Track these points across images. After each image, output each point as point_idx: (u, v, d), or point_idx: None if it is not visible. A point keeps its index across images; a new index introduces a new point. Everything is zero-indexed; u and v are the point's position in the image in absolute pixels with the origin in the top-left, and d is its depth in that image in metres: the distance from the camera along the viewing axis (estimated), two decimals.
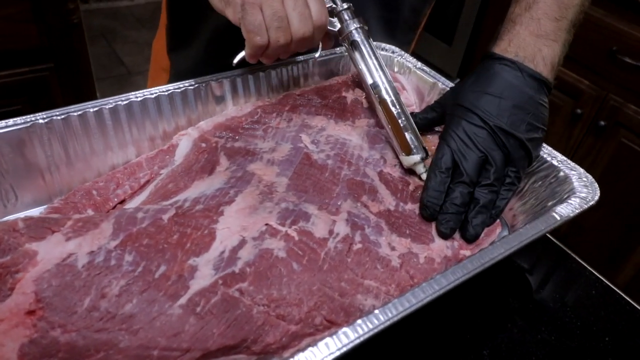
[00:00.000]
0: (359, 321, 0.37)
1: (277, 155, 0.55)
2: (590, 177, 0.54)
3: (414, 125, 0.57)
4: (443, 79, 0.67)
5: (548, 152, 0.58)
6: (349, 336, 0.36)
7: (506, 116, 0.52)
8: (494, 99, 0.52)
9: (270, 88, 0.65)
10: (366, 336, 0.36)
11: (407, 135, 0.56)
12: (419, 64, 0.70)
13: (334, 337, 0.35)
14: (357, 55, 0.58)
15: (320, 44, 0.57)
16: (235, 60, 0.55)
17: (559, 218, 0.49)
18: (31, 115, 0.50)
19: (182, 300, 0.36)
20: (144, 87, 0.95)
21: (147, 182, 0.53)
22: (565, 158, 0.57)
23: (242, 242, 0.43)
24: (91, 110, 0.52)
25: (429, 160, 0.56)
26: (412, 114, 0.60)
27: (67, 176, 0.53)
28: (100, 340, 0.33)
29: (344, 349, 0.35)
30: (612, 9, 1.44)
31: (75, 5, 1.29)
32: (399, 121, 0.56)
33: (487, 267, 0.43)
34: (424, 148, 0.56)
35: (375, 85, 0.58)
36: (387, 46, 0.73)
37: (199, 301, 0.37)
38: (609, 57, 1.47)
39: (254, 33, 0.49)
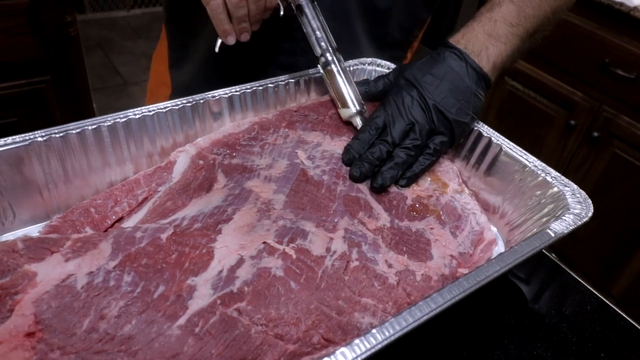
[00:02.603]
0: (357, 340, 0.37)
1: (274, 172, 0.56)
2: (583, 193, 0.55)
3: (353, 82, 0.63)
4: None
5: (542, 168, 0.58)
6: (346, 356, 0.36)
7: (441, 96, 0.58)
8: (435, 79, 0.58)
9: (266, 104, 0.65)
10: (364, 356, 0.36)
11: (345, 90, 0.62)
12: None
13: (332, 357, 0.36)
14: (303, 18, 0.62)
15: (280, 5, 0.61)
16: (217, 47, 0.60)
17: (553, 235, 0.49)
18: (30, 133, 0.50)
19: (181, 320, 0.36)
20: (140, 97, 0.96)
21: (145, 199, 0.53)
22: (559, 174, 0.57)
23: (240, 261, 0.43)
24: (90, 127, 0.53)
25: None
26: (365, 80, 0.67)
27: (65, 193, 0.54)
28: None
29: None
30: (603, 22, 1.46)
31: (73, 18, 1.29)
32: (338, 77, 0.62)
33: (483, 284, 0.43)
34: (361, 103, 0.62)
35: (317, 45, 0.62)
36: (382, 62, 0.73)
37: (198, 321, 0.37)
38: (602, 69, 1.49)
39: None
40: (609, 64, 1.47)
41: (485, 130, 0.63)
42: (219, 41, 0.59)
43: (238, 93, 0.62)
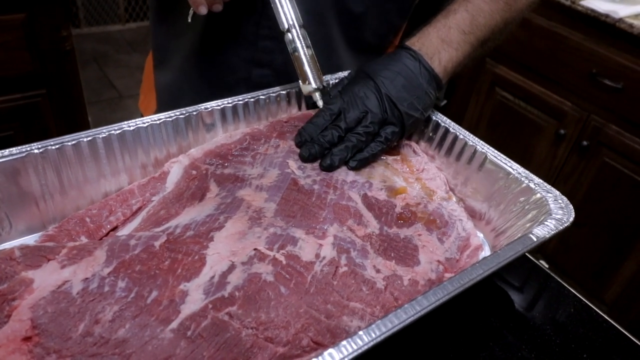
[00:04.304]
0: (344, 342, 0.38)
1: (265, 181, 0.57)
2: (565, 199, 0.57)
3: (315, 60, 0.65)
4: None
5: (525, 175, 0.60)
6: (334, 357, 0.37)
7: (395, 90, 0.61)
8: (391, 74, 0.62)
9: (258, 116, 0.67)
10: (351, 356, 0.38)
11: (306, 67, 0.64)
12: None
13: (320, 357, 0.37)
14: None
15: None
16: (189, 17, 0.63)
17: (535, 239, 0.51)
18: (26, 146, 0.51)
19: (174, 324, 0.38)
20: (136, 110, 0.98)
21: (139, 208, 0.54)
22: (541, 181, 0.59)
23: (232, 267, 0.45)
24: (85, 139, 0.54)
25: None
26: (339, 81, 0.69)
27: (60, 204, 0.55)
28: None
29: None
30: (590, 33, 1.49)
31: (68, 32, 1.31)
32: (300, 54, 0.64)
33: (467, 287, 0.45)
34: (322, 80, 0.64)
35: (284, 20, 0.64)
36: None
37: (190, 325, 0.38)
38: (590, 79, 1.52)
39: None
40: (596, 74, 1.50)
41: (471, 139, 0.65)
42: (192, 11, 0.61)
43: (230, 105, 0.64)
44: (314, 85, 0.64)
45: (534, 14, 1.62)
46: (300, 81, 0.65)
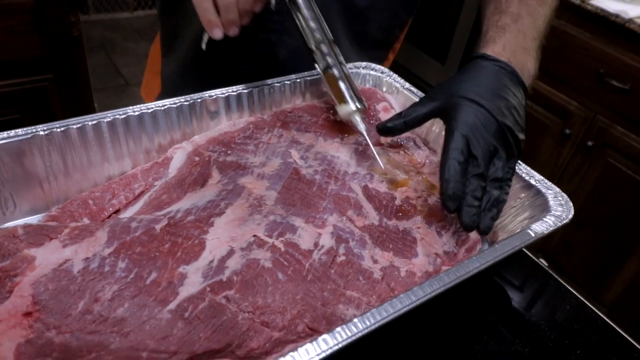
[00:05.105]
0: (338, 329, 0.39)
1: (267, 170, 0.58)
2: (565, 196, 0.57)
3: (350, 76, 0.58)
4: None
5: (527, 172, 0.60)
6: (328, 343, 0.38)
7: (509, 115, 0.53)
8: (498, 96, 0.53)
9: (262, 105, 0.67)
10: (345, 343, 0.38)
11: (342, 85, 0.57)
12: (407, 85, 0.73)
13: (314, 343, 0.37)
14: (296, 10, 0.60)
15: None
16: (203, 43, 0.58)
17: (533, 235, 0.51)
18: (32, 127, 0.52)
19: (172, 305, 0.38)
20: (142, 98, 0.98)
21: (142, 192, 0.55)
22: (542, 178, 0.59)
23: (231, 252, 0.45)
24: (90, 123, 0.55)
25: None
26: (400, 114, 0.58)
27: (64, 186, 0.55)
28: (93, 342, 0.35)
29: (323, 355, 0.37)
30: (599, 33, 1.48)
31: (76, 18, 1.32)
32: (334, 71, 0.58)
33: (464, 279, 0.45)
34: (360, 99, 0.56)
35: (311, 36, 0.59)
36: (377, 66, 0.76)
37: (187, 307, 0.39)
38: (597, 79, 1.51)
39: None
40: (604, 75, 1.49)
41: None
42: (206, 36, 0.57)
43: (235, 93, 0.64)
44: (352, 107, 0.56)
45: None
46: (336, 103, 0.58)
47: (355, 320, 0.40)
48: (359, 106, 0.56)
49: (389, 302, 0.42)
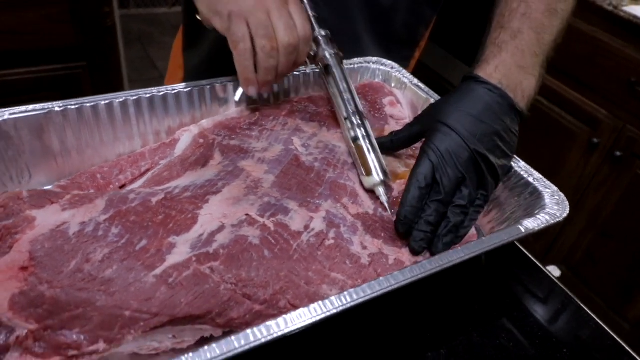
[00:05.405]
0: (315, 305, 0.40)
1: (268, 155, 0.60)
2: (562, 195, 0.57)
3: (377, 148, 0.59)
4: (436, 95, 0.71)
5: (526, 170, 0.60)
6: (303, 316, 0.39)
7: (485, 141, 0.53)
8: (477, 122, 0.54)
9: (272, 94, 0.70)
10: (320, 317, 0.40)
11: (369, 157, 0.58)
12: (415, 81, 0.74)
13: (290, 314, 0.39)
14: (329, 78, 0.63)
15: (307, 61, 0.62)
16: (236, 97, 0.62)
17: (523, 230, 0.52)
18: (49, 103, 0.55)
19: (157, 271, 0.41)
20: None
21: (147, 170, 0.58)
22: (541, 176, 0.59)
23: (221, 228, 0.47)
24: (102, 103, 0.58)
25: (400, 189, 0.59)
26: (391, 133, 0.62)
27: (77, 161, 0.59)
28: (81, 298, 0.38)
29: (295, 328, 0.38)
30: (632, 40, 1.45)
31: (110, 9, 1.38)
32: (363, 143, 0.59)
33: (446, 268, 0.46)
34: (385, 171, 0.58)
35: (343, 107, 0.61)
36: (387, 62, 0.77)
37: (172, 273, 0.41)
38: (628, 87, 1.48)
39: (237, 41, 0.54)
40: (635, 83, 1.45)
41: None
42: (240, 91, 0.59)
43: None
44: (377, 179, 0.57)
45: (575, 17, 1.58)
46: (362, 173, 0.58)
47: (333, 297, 0.41)
48: (383, 178, 0.57)
49: (368, 284, 0.43)
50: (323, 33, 0.63)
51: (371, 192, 0.58)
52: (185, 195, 0.50)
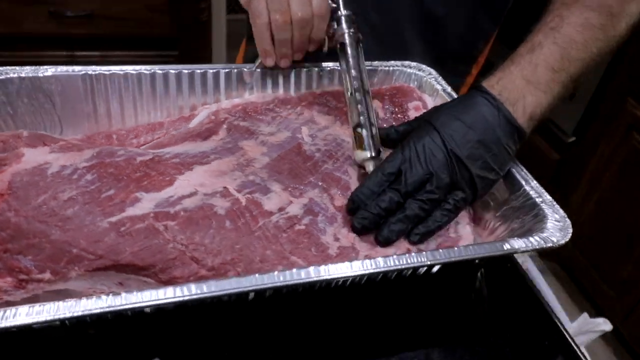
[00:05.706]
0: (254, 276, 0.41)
1: (272, 139, 0.61)
2: (568, 221, 0.52)
3: (376, 126, 0.59)
4: None
5: (537, 191, 0.55)
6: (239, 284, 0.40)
7: (467, 147, 0.52)
8: (463, 127, 0.53)
9: (297, 86, 0.71)
10: (234, 291, 0.39)
11: (364, 132, 0.58)
12: (449, 89, 0.71)
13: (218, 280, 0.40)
14: (343, 55, 0.63)
15: (327, 40, 0.63)
16: (255, 66, 0.65)
17: (505, 249, 0.48)
18: (84, 67, 0.62)
19: (113, 218, 0.44)
20: None
21: (159, 138, 0.62)
22: (551, 199, 0.54)
23: (193, 194, 0.49)
24: (132, 72, 0.63)
25: None
26: (392, 126, 0.62)
27: (105, 124, 0.64)
28: (39, 229, 0.42)
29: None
30: None
31: (207, 5, 1.48)
32: (360, 118, 0.59)
33: (402, 268, 0.44)
34: (378, 149, 0.57)
35: (350, 84, 0.62)
36: (425, 67, 0.74)
37: (126, 223, 0.44)
38: None
39: (256, 15, 0.58)
40: None
41: None
42: (258, 60, 0.65)
43: (270, 70, 0.68)
44: (367, 154, 0.57)
45: None
46: (355, 146, 0.59)
47: (257, 274, 0.41)
48: (374, 154, 0.57)
49: (296, 270, 0.42)
50: (346, 13, 0.63)
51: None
52: (173, 161, 0.53)
